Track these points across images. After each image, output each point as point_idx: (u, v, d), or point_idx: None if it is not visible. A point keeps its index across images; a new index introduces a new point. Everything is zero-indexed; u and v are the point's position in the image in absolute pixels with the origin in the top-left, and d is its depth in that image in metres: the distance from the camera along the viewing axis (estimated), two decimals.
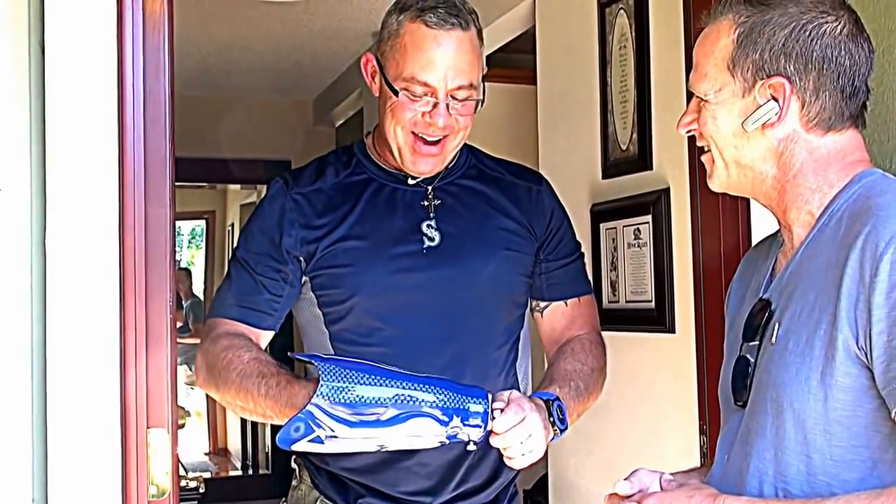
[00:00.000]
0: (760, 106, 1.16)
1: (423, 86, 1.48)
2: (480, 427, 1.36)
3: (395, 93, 1.49)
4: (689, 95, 1.25)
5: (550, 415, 1.43)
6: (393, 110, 1.51)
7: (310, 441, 1.35)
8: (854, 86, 1.16)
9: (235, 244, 1.64)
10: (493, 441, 1.38)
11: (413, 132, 1.52)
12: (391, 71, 1.51)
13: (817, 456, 1.09)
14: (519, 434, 1.37)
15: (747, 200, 1.65)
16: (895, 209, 1.06)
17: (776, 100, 1.15)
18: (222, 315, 1.59)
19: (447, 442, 1.38)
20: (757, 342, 1.18)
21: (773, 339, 1.15)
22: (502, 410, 1.38)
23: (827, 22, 1.15)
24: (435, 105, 1.49)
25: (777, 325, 1.15)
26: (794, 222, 1.19)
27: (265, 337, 1.59)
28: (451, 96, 1.49)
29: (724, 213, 1.78)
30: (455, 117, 1.51)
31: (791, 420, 1.10)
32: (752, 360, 1.18)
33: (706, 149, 1.23)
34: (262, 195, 1.65)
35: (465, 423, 1.36)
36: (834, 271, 1.08)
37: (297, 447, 1.36)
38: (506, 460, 1.42)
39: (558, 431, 1.45)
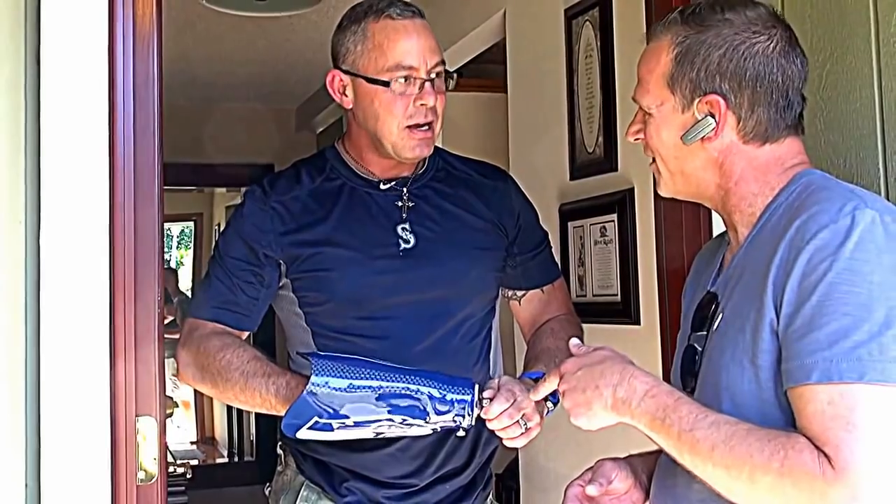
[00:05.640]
0: (699, 121, 1.19)
1: (408, 69, 1.54)
2: (467, 415, 1.42)
3: (386, 84, 1.54)
4: None
5: None
6: (385, 107, 1.56)
7: (309, 428, 1.42)
8: (788, 99, 1.19)
9: (214, 247, 1.67)
10: (490, 426, 1.44)
11: (407, 126, 1.57)
12: (371, 69, 1.55)
13: None
14: (511, 415, 1.43)
15: None
16: (827, 206, 1.09)
17: (713, 116, 1.18)
18: (201, 316, 1.62)
19: (438, 430, 1.44)
20: (704, 332, 1.22)
21: (717, 327, 1.20)
22: (491, 399, 1.43)
23: (759, 41, 1.18)
24: (422, 86, 1.55)
25: (721, 314, 1.20)
26: (739, 223, 1.23)
27: (243, 337, 1.63)
28: (433, 74, 1.56)
29: (685, 211, 1.83)
30: (438, 96, 1.57)
31: (728, 401, 1.13)
32: (700, 348, 1.22)
33: (653, 159, 1.27)
34: (242, 199, 1.69)
35: (454, 412, 1.42)
36: (766, 260, 1.12)
37: (300, 434, 1.43)
38: (506, 442, 1.48)
39: (550, 406, 1.49)
